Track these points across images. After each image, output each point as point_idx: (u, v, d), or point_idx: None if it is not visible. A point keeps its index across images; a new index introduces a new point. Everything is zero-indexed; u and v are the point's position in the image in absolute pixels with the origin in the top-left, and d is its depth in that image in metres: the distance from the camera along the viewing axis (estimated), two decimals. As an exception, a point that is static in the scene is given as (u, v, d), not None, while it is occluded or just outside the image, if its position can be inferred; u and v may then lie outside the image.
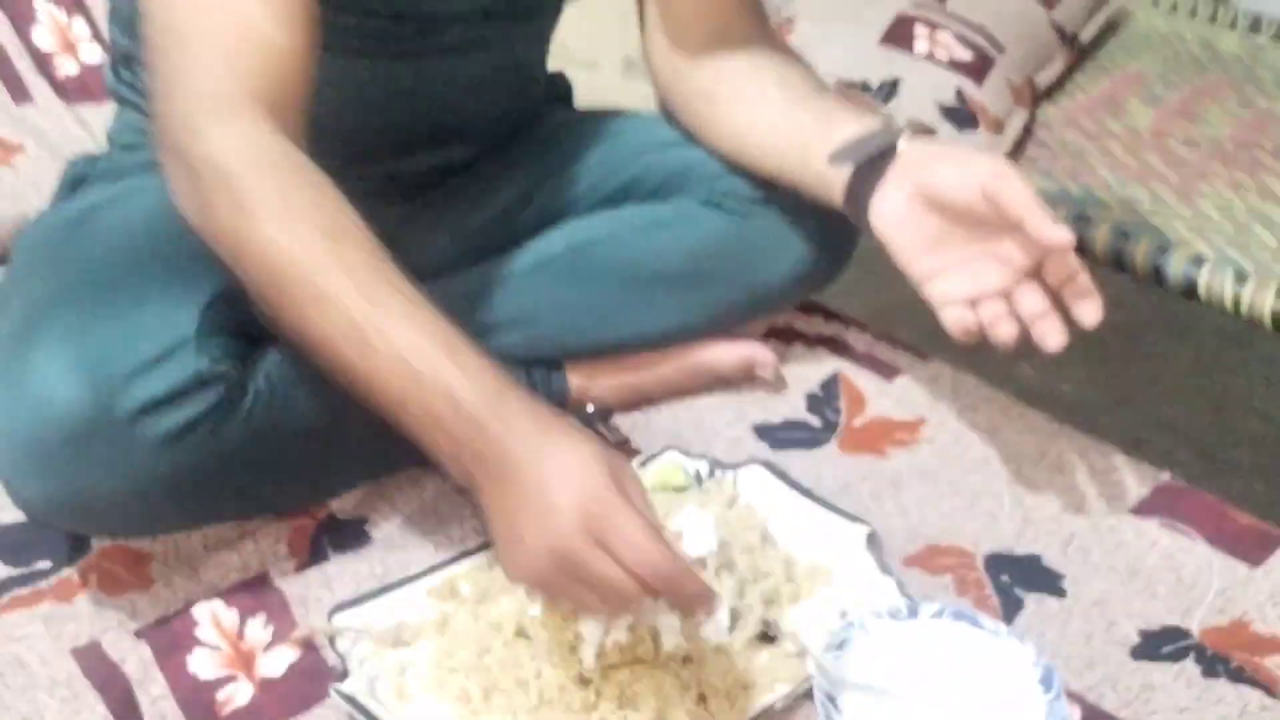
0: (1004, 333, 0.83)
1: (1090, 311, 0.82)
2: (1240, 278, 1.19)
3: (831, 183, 0.88)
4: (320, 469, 0.88)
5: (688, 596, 0.67)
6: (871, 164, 0.86)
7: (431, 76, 0.92)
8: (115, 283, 0.76)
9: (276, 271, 0.70)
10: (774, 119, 0.93)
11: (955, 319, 0.84)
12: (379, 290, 0.69)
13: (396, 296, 0.69)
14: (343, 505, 0.90)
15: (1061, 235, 0.79)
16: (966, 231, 0.83)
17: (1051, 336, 0.82)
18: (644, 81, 1.04)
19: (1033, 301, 0.82)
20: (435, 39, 0.90)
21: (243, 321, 0.79)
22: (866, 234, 0.89)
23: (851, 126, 0.88)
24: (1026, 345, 0.84)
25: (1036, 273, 0.83)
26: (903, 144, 0.86)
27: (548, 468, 0.66)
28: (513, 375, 0.71)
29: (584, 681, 0.73)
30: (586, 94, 2.25)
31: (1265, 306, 1.17)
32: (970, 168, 0.82)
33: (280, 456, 0.82)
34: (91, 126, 1.14)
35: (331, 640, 0.77)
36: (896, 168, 0.85)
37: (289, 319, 0.71)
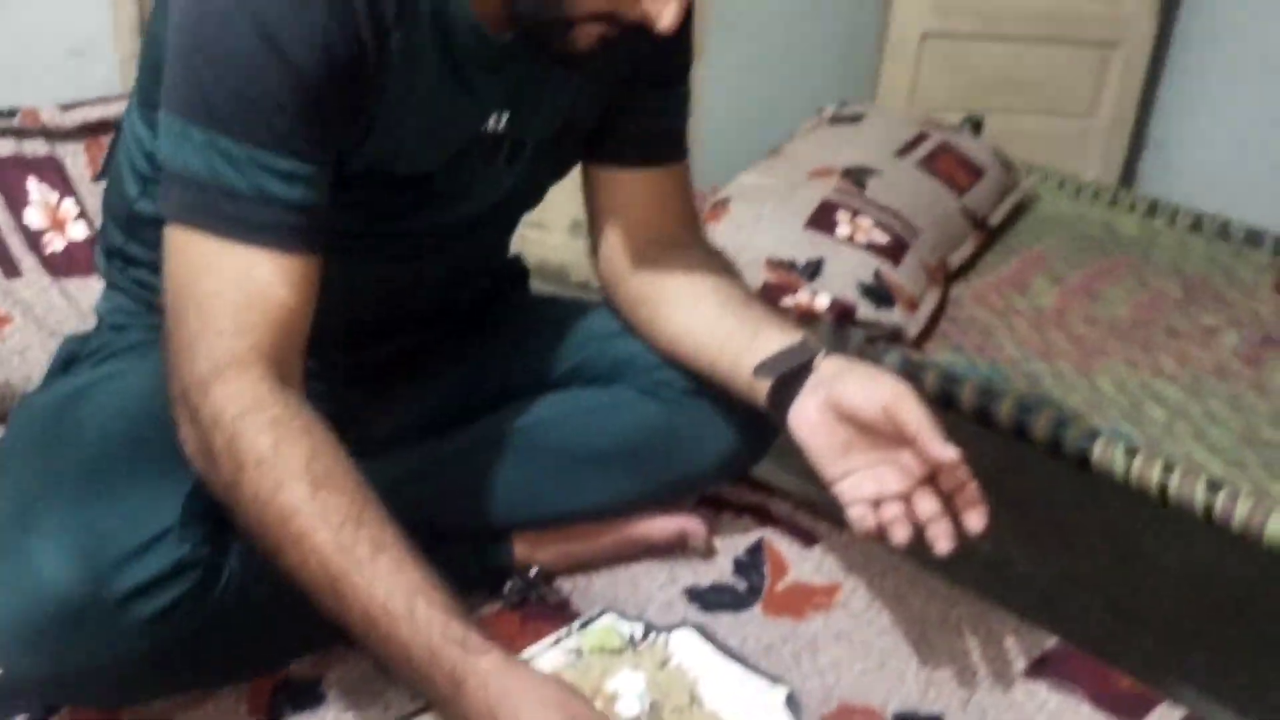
0: (899, 535, 0.92)
1: (975, 520, 0.91)
2: (1130, 452, 1.30)
3: (757, 389, 0.98)
4: (284, 640, 0.94)
5: None
6: (792, 375, 0.96)
7: (399, 276, 1.02)
8: (105, 471, 0.83)
9: (265, 522, 0.78)
10: (708, 326, 1.02)
11: (858, 518, 0.94)
12: (351, 540, 0.77)
13: (366, 546, 0.78)
14: (299, 665, 0.96)
15: (949, 454, 0.89)
16: (871, 441, 0.93)
17: (941, 542, 0.91)
18: (587, 240, 1.14)
19: (927, 506, 0.92)
20: (404, 245, 1.00)
21: (217, 507, 0.85)
22: (785, 434, 0.98)
23: (776, 339, 0.99)
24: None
25: (933, 479, 0.92)
26: (819, 360, 0.97)
27: None
28: (468, 617, 0.79)
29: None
30: (536, 250, 2.38)
31: (1152, 481, 1.27)
32: (874, 388, 0.92)
33: (250, 629, 0.89)
34: (76, 299, 1.23)
35: (288, 795, 0.83)
36: (812, 381, 0.96)
37: (278, 561, 0.79)
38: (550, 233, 2.54)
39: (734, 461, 1.11)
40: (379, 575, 0.77)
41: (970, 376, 1.45)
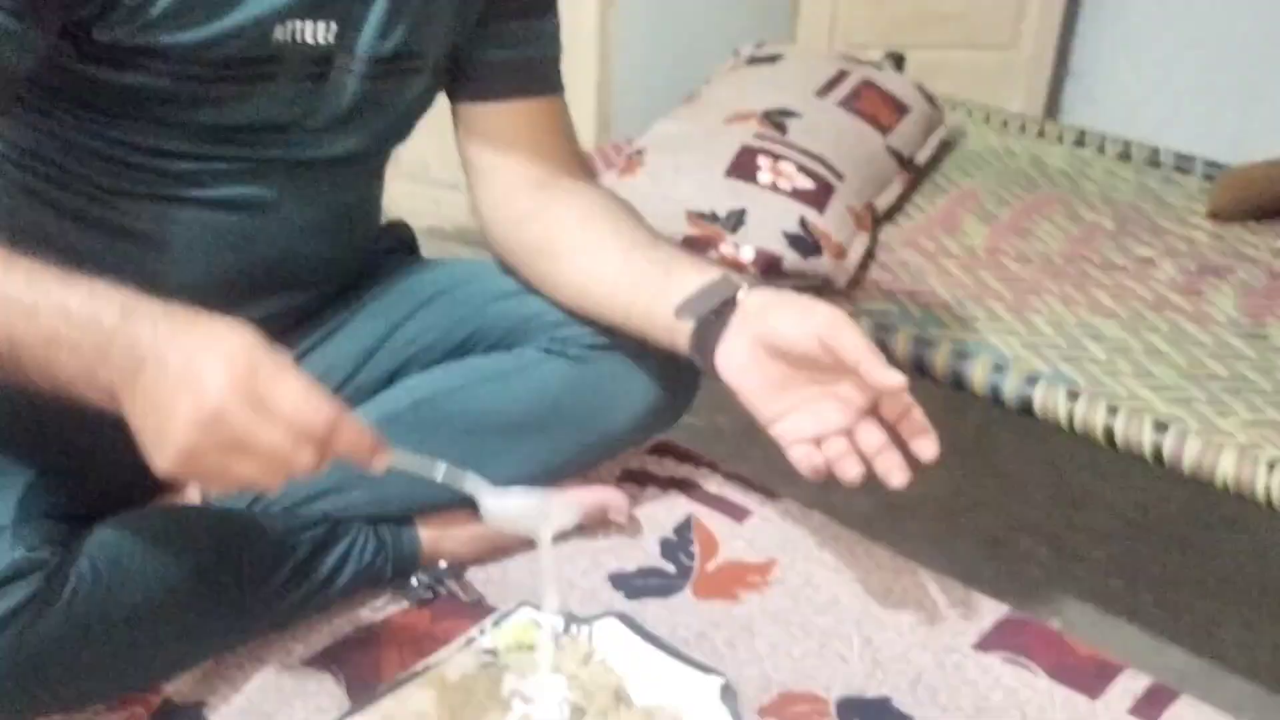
0: (849, 472, 0.87)
1: (927, 448, 0.87)
2: (1072, 395, 1.24)
3: (677, 334, 0.91)
4: (153, 652, 0.84)
5: (357, 446, 0.69)
6: (714, 314, 0.89)
7: (260, 221, 0.93)
8: None
9: None
10: (614, 272, 0.95)
11: (802, 457, 0.88)
12: (40, 275, 0.71)
13: (54, 274, 0.71)
14: (179, 689, 0.86)
15: (894, 379, 0.84)
16: (808, 375, 0.88)
17: (894, 474, 0.86)
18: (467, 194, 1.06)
19: (871, 438, 0.87)
20: (258, 182, 0.91)
21: (63, 505, 0.78)
22: (713, 378, 0.91)
23: (692, 277, 0.92)
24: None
25: (875, 410, 0.87)
26: (742, 294, 0.90)
27: (192, 342, 0.67)
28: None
29: None
30: (452, 213, 2.26)
31: (1096, 424, 1.22)
32: (807, 318, 0.86)
33: (108, 642, 0.80)
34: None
35: (163, 846, 0.74)
36: (738, 318, 0.89)
37: None
38: (464, 193, 2.44)
39: (654, 417, 1.03)
40: (70, 283, 0.71)
41: (903, 325, 1.38)
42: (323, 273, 1.00)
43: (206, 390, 0.65)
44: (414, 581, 0.98)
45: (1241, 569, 1.66)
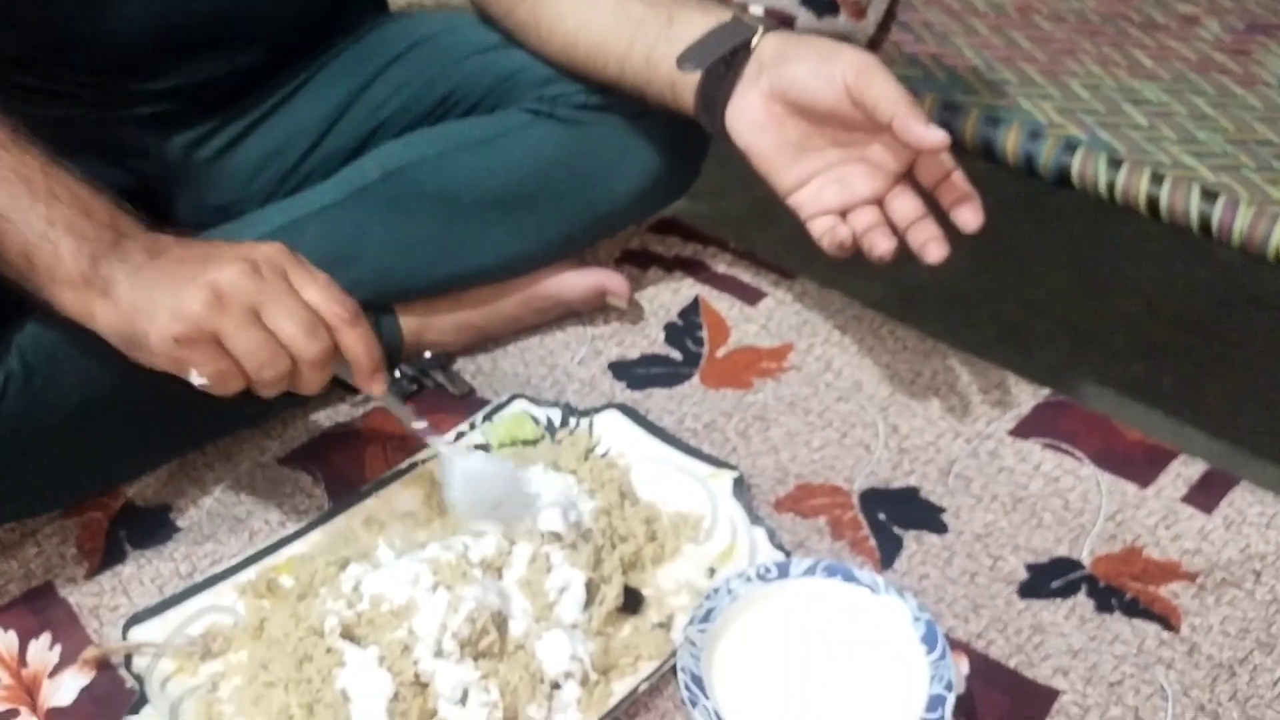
0: (880, 246, 0.78)
1: (971, 217, 0.78)
2: (1113, 163, 1.14)
3: (680, 88, 0.81)
4: (102, 457, 0.76)
5: (366, 352, 0.65)
6: (724, 64, 0.79)
7: None
8: None
9: None
10: (608, 16, 0.84)
11: (825, 231, 0.79)
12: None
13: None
14: (141, 492, 0.79)
15: (933, 135, 0.74)
16: (832, 134, 0.78)
17: (932, 248, 0.78)
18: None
19: (907, 207, 0.78)
20: None
21: None
22: (724, 141, 0.81)
23: (697, 20, 0.81)
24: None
25: (909, 175, 0.78)
26: (757, 40, 0.79)
27: (227, 241, 0.66)
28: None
29: (419, 685, 0.64)
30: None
31: (1140, 192, 1.12)
32: (831, 65, 0.76)
33: (49, 446, 0.72)
34: None
35: (128, 660, 0.67)
36: (752, 68, 0.79)
37: None
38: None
39: (657, 189, 0.93)
40: (30, 153, 0.65)
41: (929, 91, 1.26)
42: (273, 25, 0.88)
43: (251, 247, 0.64)
44: (397, 373, 0.90)
45: (1263, 352, 1.60)
